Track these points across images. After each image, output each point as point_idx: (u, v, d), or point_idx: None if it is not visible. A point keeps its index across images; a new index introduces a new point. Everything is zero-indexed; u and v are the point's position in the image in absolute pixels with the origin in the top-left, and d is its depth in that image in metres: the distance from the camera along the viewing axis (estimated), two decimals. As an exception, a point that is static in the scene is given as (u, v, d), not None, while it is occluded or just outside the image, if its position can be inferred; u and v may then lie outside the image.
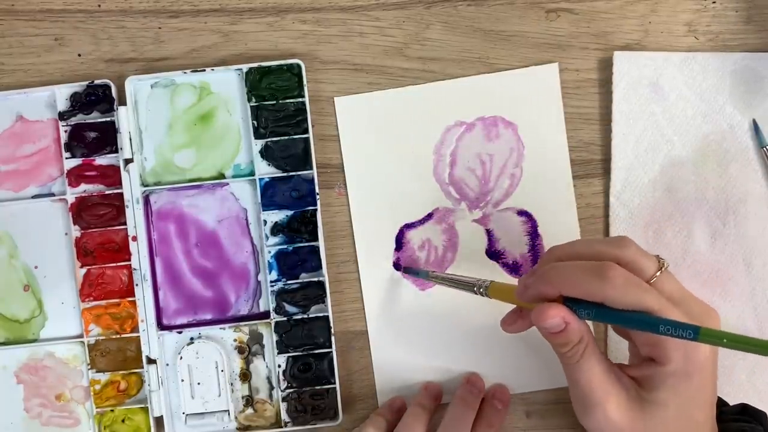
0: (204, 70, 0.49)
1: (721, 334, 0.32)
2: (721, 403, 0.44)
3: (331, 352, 0.49)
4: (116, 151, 0.49)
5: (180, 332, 0.50)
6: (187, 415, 0.49)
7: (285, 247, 0.49)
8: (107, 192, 0.49)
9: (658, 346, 0.38)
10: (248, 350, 0.50)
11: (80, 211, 0.49)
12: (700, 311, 0.39)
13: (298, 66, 0.49)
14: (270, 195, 0.49)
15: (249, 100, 0.49)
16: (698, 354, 0.38)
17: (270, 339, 0.50)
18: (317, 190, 0.49)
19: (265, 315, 0.50)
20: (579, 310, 0.38)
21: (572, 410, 0.50)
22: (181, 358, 0.49)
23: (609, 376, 0.40)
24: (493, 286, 0.44)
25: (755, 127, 0.49)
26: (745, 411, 0.44)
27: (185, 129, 0.50)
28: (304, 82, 0.49)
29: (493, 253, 0.50)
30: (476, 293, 0.44)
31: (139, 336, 0.49)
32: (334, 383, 0.49)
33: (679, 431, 0.39)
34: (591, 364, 0.39)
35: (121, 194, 0.49)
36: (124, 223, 0.49)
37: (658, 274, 0.38)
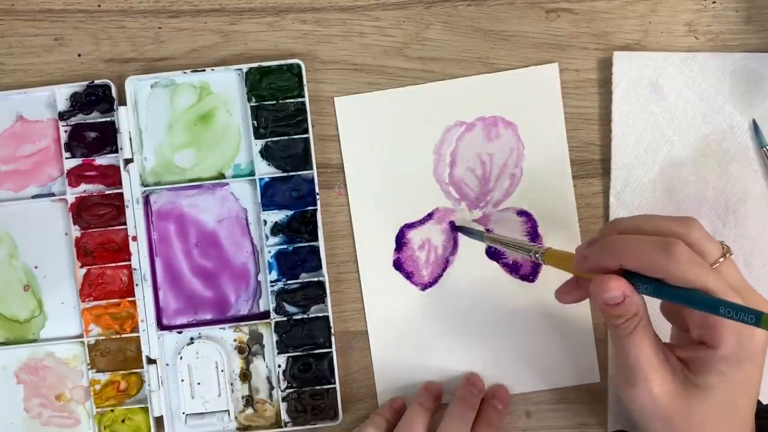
0: (204, 70, 0.49)
1: None
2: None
3: (331, 352, 0.49)
4: (116, 151, 0.49)
5: (180, 332, 0.50)
6: (187, 415, 0.49)
7: (285, 247, 0.49)
8: (107, 192, 0.49)
9: (712, 329, 0.38)
10: (248, 350, 0.50)
11: (80, 211, 0.49)
12: (758, 303, 0.38)
13: (298, 66, 0.49)
14: (270, 195, 0.49)
15: (249, 100, 0.49)
16: (753, 342, 0.37)
17: (270, 339, 0.50)
18: (317, 190, 0.49)
19: (265, 315, 0.50)
20: (638, 284, 0.37)
21: (572, 410, 0.50)
22: (181, 358, 0.49)
23: (658, 353, 0.39)
24: (550, 253, 0.43)
25: (755, 127, 0.49)
26: None
27: (185, 129, 0.50)
28: (304, 82, 0.49)
29: (493, 253, 0.50)
30: (531, 258, 0.44)
31: (139, 336, 0.49)
32: (334, 383, 0.49)
33: (720, 418, 0.39)
34: (642, 339, 0.39)
35: (121, 194, 0.49)
36: (124, 223, 0.49)
37: (721, 260, 0.38)
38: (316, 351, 0.49)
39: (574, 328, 0.50)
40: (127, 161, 0.49)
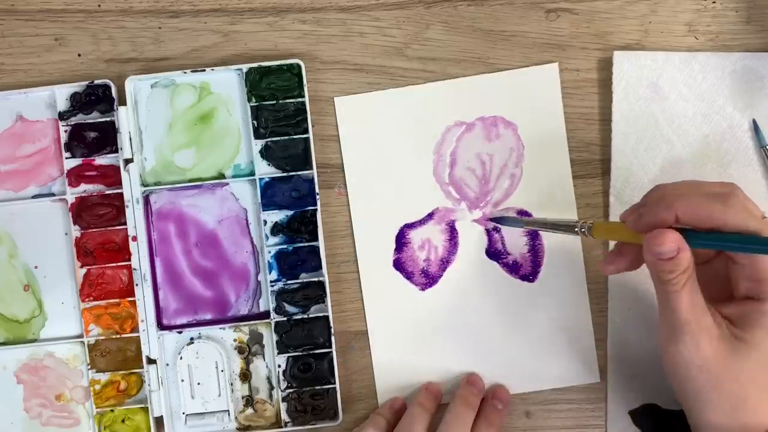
0: (204, 70, 0.49)
1: None
2: None
3: (331, 352, 0.49)
4: (116, 151, 0.49)
5: (180, 332, 0.50)
6: (187, 415, 0.49)
7: (285, 247, 0.49)
8: (107, 192, 0.49)
9: (761, 283, 0.38)
10: (248, 350, 0.50)
11: (80, 211, 0.49)
12: None
13: (298, 66, 0.49)
14: (270, 195, 0.49)
15: (249, 100, 0.49)
16: None
17: (270, 339, 0.50)
18: (317, 190, 0.49)
19: (265, 315, 0.50)
20: (691, 238, 0.38)
21: (572, 410, 0.50)
22: (181, 358, 0.49)
23: (705, 309, 0.39)
24: (597, 225, 0.43)
25: (755, 127, 0.49)
26: None
27: (185, 129, 0.50)
28: (304, 82, 0.49)
29: (493, 253, 0.50)
30: (578, 234, 0.44)
31: (139, 336, 0.49)
32: (334, 383, 0.49)
33: (765, 376, 0.39)
34: (692, 294, 0.39)
35: (121, 194, 0.49)
36: (124, 223, 0.49)
37: (765, 217, 0.38)
38: (316, 351, 0.49)
39: (574, 328, 0.50)
40: (127, 161, 0.49)
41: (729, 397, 0.39)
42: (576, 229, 0.44)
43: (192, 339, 0.50)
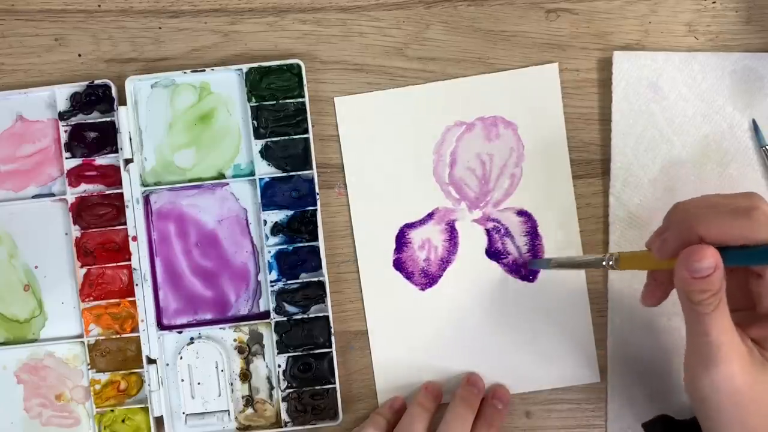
0: (204, 70, 0.49)
1: None
2: None
3: (331, 352, 0.49)
4: (116, 151, 0.49)
5: (180, 332, 0.50)
6: (187, 415, 0.49)
7: (285, 247, 0.49)
8: (107, 192, 0.49)
9: None
10: (248, 350, 0.50)
11: (80, 211, 0.49)
12: None
13: (298, 66, 0.49)
14: (270, 195, 0.49)
15: (249, 100, 0.49)
16: None
17: (270, 339, 0.50)
18: (317, 190, 0.49)
19: (265, 315, 0.50)
20: (728, 256, 0.36)
21: (572, 410, 0.50)
22: (181, 358, 0.49)
23: (736, 333, 0.37)
24: (623, 256, 0.42)
25: (755, 127, 0.49)
26: None
27: (185, 129, 0.50)
28: (304, 82, 0.49)
29: (493, 253, 0.50)
30: (606, 268, 0.43)
31: (139, 336, 0.49)
32: (334, 383, 0.49)
33: None
34: (724, 317, 0.37)
35: (121, 194, 0.49)
36: (124, 223, 0.49)
37: None
38: (316, 351, 0.49)
39: (574, 328, 0.50)
40: (127, 161, 0.49)
41: (761, 421, 0.37)
42: (603, 264, 0.43)
43: (192, 339, 0.50)
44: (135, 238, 0.49)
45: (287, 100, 0.49)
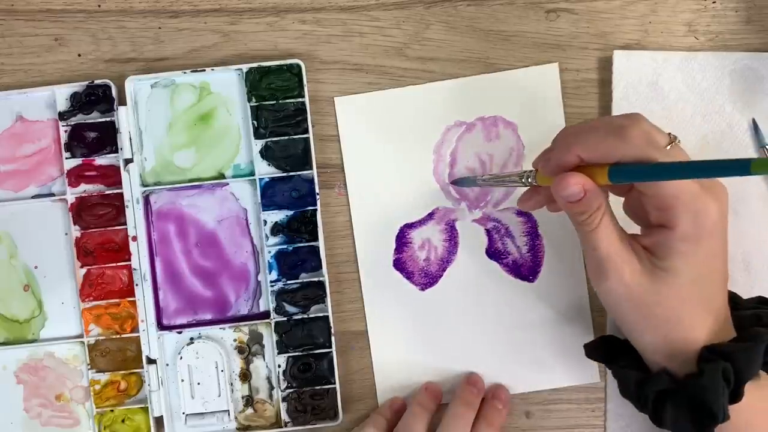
0: (204, 70, 0.49)
1: None
2: (735, 297, 0.45)
3: (331, 352, 0.49)
4: (116, 151, 0.49)
5: (180, 332, 0.50)
6: (187, 415, 0.49)
7: (285, 247, 0.49)
8: (107, 192, 0.49)
9: (668, 211, 0.38)
10: (248, 350, 0.50)
11: (80, 211, 0.49)
12: (710, 182, 0.39)
13: (298, 66, 0.49)
14: (270, 195, 0.49)
15: (249, 100, 0.49)
16: (707, 217, 0.38)
17: (270, 339, 0.50)
18: (317, 190, 0.49)
19: (265, 315, 0.50)
20: (615, 173, 0.38)
21: (572, 410, 0.50)
22: (181, 358, 0.49)
23: (624, 243, 0.40)
24: (539, 173, 0.43)
25: (754, 127, 0.49)
26: (762, 301, 0.45)
27: (185, 129, 0.50)
28: (304, 82, 0.49)
29: (493, 253, 0.50)
30: (526, 184, 0.44)
31: (139, 336, 0.49)
32: (334, 383, 0.49)
33: (690, 300, 0.40)
34: (608, 231, 0.40)
35: (121, 194, 0.49)
36: (124, 223, 0.49)
37: (668, 147, 0.38)
38: (316, 351, 0.49)
39: (574, 328, 0.50)
40: (127, 161, 0.49)
41: (662, 320, 0.40)
42: (523, 180, 0.44)
43: (192, 339, 0.50)
44: (135, 238, 0.49)
45: (287, 100, 0.49)
